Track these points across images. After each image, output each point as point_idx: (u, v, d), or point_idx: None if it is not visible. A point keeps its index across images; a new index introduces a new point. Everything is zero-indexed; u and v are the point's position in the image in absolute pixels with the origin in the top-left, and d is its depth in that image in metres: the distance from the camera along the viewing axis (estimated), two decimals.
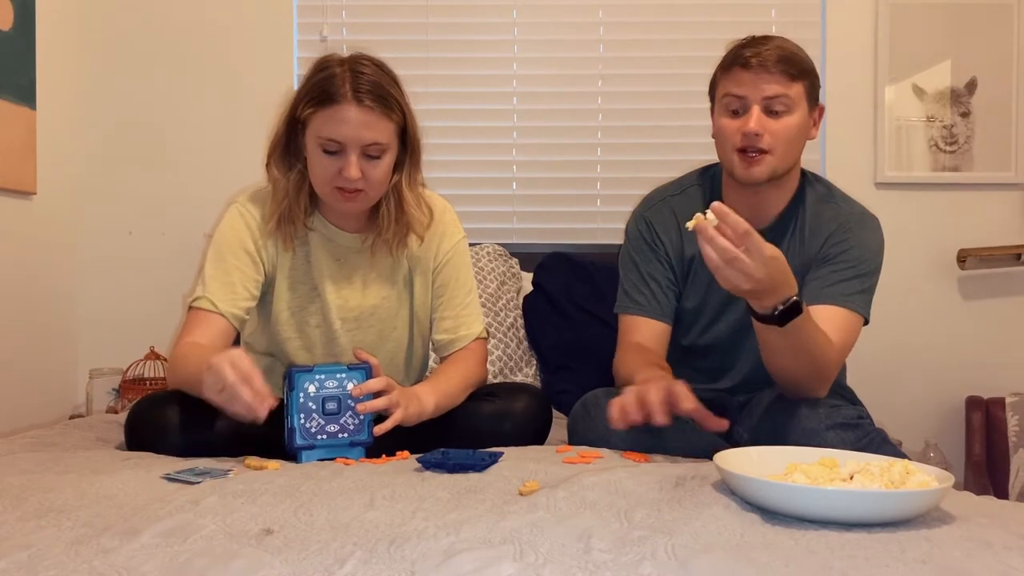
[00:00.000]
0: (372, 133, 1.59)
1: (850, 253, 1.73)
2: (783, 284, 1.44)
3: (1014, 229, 2.77)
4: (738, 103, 1.68)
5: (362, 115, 1.58)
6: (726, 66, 1.72)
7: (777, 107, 1.67)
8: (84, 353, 2.76)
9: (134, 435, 1.57)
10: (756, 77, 1.66)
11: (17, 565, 0.91)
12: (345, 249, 1.74)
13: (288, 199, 1.67)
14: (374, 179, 1.62)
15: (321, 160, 1.61)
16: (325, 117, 1.58)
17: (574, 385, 2.25)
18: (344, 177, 1.59)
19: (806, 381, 1.61)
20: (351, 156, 1.59)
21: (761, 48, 1.67)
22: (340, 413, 1.50)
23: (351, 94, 1.57)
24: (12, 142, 2.38)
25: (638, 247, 1.85)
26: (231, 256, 1.69)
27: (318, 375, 1.50)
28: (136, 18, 2.80)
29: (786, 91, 1.66)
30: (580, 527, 1.01)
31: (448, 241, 1.79)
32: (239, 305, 1.67)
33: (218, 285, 1.67)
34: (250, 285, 1.69)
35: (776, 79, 1.66)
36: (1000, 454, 2.58)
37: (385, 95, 1.60)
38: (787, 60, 1.67)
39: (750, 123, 1.65)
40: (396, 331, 1.80)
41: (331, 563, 0.91)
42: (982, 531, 1.04)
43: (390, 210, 1.69)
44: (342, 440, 1.50)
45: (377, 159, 1.61)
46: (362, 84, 1.58)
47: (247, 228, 1.71)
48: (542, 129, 2.85)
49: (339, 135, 1.58)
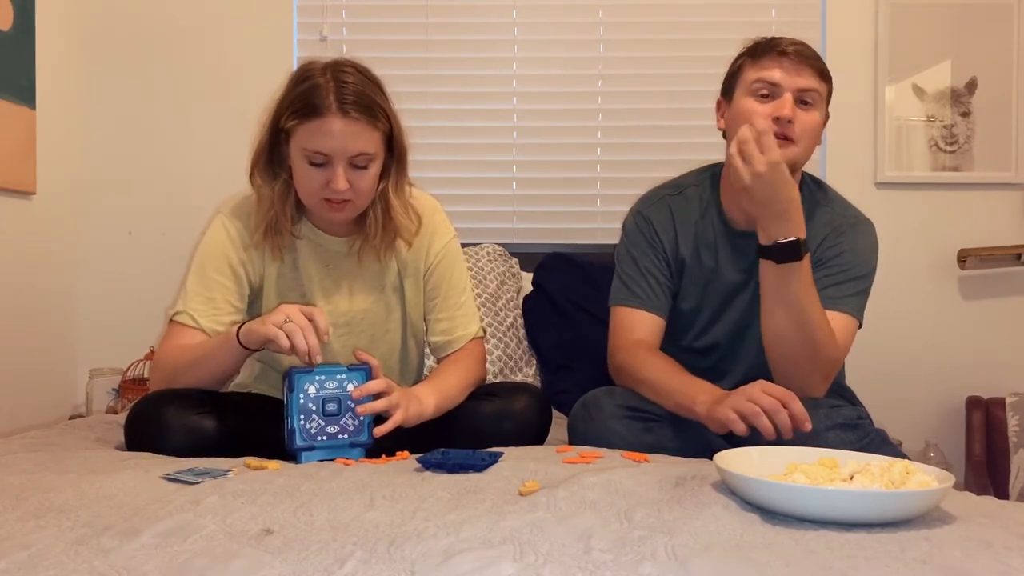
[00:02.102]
0: (359, 144, 1.57)
1: (843, 257, 1.74)
2: (785, 213, 1.54)
3: (1014, 229, 2.77)
4: (770, 89, 1.69)
5: (348, 126, 1.55)
6: (757, 54, 1.73)
7: (808, 99, 1.70)
8: (84, 353, 2.76)
9: (134, 435, 1.57)
10: (794, 67, 1.69)
11: (17, 565, 0.91)
12: (333, 254, 1.73)
13: (274, 209, 1.66)
14: (362, 189, 1.60)
15: (307, 172, 1.59)
16: (310, 130, 1.56)
17: (574, 385, 2.25)
18: (332, 189, 1.57)
19: (804, 363, 1.62)
20: (338, 168, 1.57)
21: (795, 42, 1.72)
22: (340, 414, 1.50)
23: (335, 105, 1.54)
24: (12, 142, 2.38)
25: (636, 242, 1.85)
26: (213, 271, 1.69)
27: (318, 376, 1.49)
28: (136, 18, 2.80)
29: (817, 86, 1.70)
30: (580, 527, 1.01)
31: (439, 241, 1.78)
32: (220, 320, 1.66)
33: (200, 300, 1.67)
34: (233, 299, 1.69)
35: (811, 73, 1.70)
36: (1000, 454, 2.57)
37: (370, 104, 1.57)
38: (819, 59, 1.73)
39: (784, 108, 1.67)
40: (388, 334, 1.79)
41: (331, 563, 0.91)
42: (982, 531, 1.04)
43: (377, 217, 1.68)
44: (342, 441, 1.50)
45: (364, 169, 1.59)
46: (347, 94, 1.55)
47: (230, 241, 1.69)
48: (542, 129, 2.85)
49: (325, 148, 1.55)
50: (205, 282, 1.68)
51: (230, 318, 1.68)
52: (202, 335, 1.65)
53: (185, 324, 1.65)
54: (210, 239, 1.71)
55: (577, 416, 1.69)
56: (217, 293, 1.68)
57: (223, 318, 1.67)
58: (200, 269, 1.69)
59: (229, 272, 1.69)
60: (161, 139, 2.80)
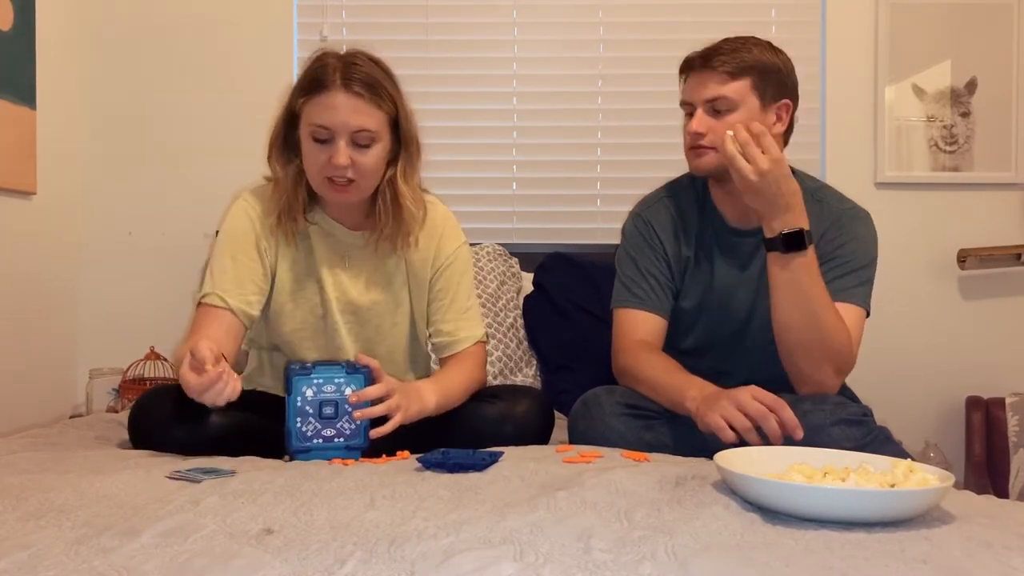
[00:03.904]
0: (359, 119, 1.59)
1: (845, 248, 1.76)
2: (790, 206, 1.59)
3: (1014, 229, 2.77)
4: (688, 108, 1.79)
5: (350, 101, 1.58)
6: (682, 72, 1.84)
7: (719, 107, 1.73)
8: (84, 353, 2.76)
9: (136, 430, 1.58)
10: (698, 80, 1.76)
11: (17, 565, 0.91)
12: (348, 246, 1.74)
13: (287, 193, 1.68)
14: (364, 168, 1.62)
15: (312, 149, 1.62)
16: (315, 104, 1.60)
17: (574, 385, 2.25)
18: (333, 165, 1.59)
19: (814, 352, 1.63)
20: (339, 143, 1.59)
21: (708, 49, 1.77)
22: (337, 417, 1.50)
23: (340, 81, 1.59)
24: (12, 142, 2.38)
25: (636, 244, 1.86)
26: (239, 251, 1.70)
27: (316, 379, 1.50)
28: (136, 18, 2.79)
29: (726, 92, 1.72)
30: (580, 527, 1.01)
31: (449, 245, 1.78)
32: (249, 300, 1.68)
33: (227, 280, 1.67)
34: (258, 280, 1.70)
35: (718, 79, 1.73)
36: (1000, 454, 2.57)
37: (375, 84, 1.61)
38: (731, 57, 1.73)
39: (691, 125, 1.76)
40: (396, 327, 1.79)
41: (331, 563, 0.91)
42: (982, 531, 1.04)
43: (386, 204, 1.68)
44: (338, 444, 1.50)
45: (367, 147, 1.61)
46: (353, 72, 1.59)
47: (251, 222, 1.71)
48: (542, 129, 2.85)
49: (327, 120, 1.58)
50: (231, 262, 1.69)
51: (257, 298, 1.69)
52: (231, 316, 1.65)
53: (214, 305, 1.65)
54: (232, 220, 1.73)
55: (577, 414, 1.70)
56: (244, 272, 1.68)
57: (250, 297, 1.68)
58: (224, 250, 1.70)
59: (255, 252, 1.70)
60: (161, 139, 2.80)
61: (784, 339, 1.67)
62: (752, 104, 1.73)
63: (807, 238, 1.62)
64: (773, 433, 1.45)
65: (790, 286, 1.63)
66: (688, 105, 1.79)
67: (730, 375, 1.80)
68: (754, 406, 1.47)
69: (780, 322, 1.66)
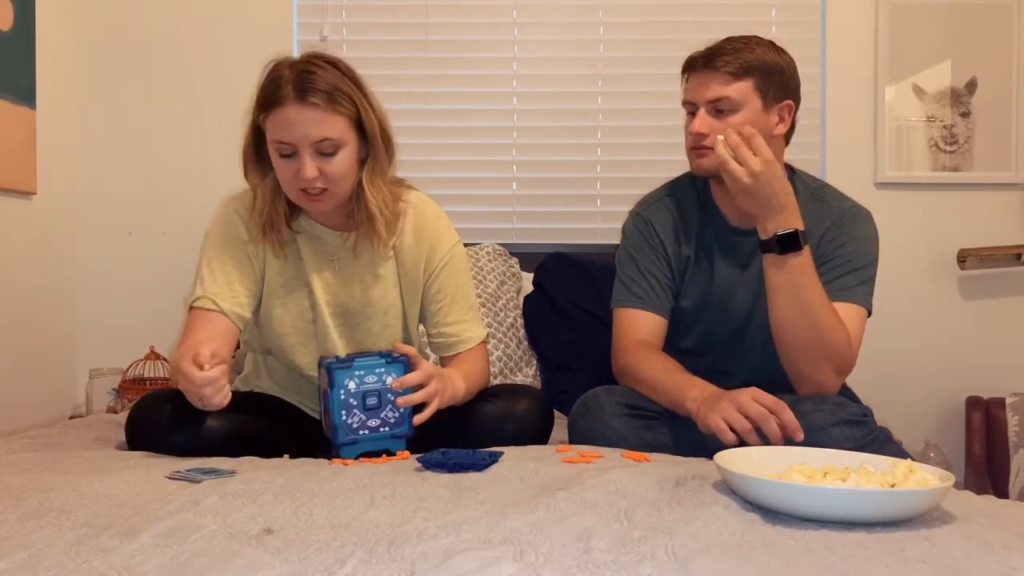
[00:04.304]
0: (319, 129, 1.56)
1: (846, 247, 1.76)
2: (784, 207, 1.60)
3: (1014, 229, 2.77)
4: (691, 107, 1.79)
5: (306, 113, 1.55)
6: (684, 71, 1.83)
7: (722, 108, 1.73)
8: (84, 353, 2.76)
9: (135, 432, 1.57)
10: (700, 80, 1.76)
11: (17, 565, 0.91)
12: (333, 248, 1.73)
13: (267, 206, 1.66)
14: (333, 175, 1.59)
15: (280, 164, 1.60)
16: (273, 120, 1.58)
17: (574, 385, 2.25)
18: (302, 178, 1.57)
19: (812, 351, 1.63)
20: (304, 157, 1.57)
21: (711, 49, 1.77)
22: (381, 407, 1.52)
23: (294, 93, 1.55)
24: (12, 142, 2.38)
25: (637, 244, 1.86)
26: (227, 254, 1.69)
27: (357, 371, 1.51)
28: (136, 18, 2.79)
29: (728, 92, 1.72)
30: (580, 527, 1.01)
31: (443, 245, 1.77)
32: (240, 302, 1.67)
33: (217, 283, 1.66)
34: (249, 283, 1.69)
35: (720, 80, 1.73)
36: (1000, 454, 2.57)
37: (331, 91, 1.57)
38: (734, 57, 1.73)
39: (694, 126, 1.76)
40: (388, 329, 1.78)
41: (331, 563, 0.91)
42: (982, 531, 1.04)
43: (359, 206, 1.67)
44: (383, 434, 1.52)
45: (332, 155, 1.59)
46: (306, 83, 1.56)
47: (238, 225, 1.70)
48: (542, 129, 2.85)
49: (286, 136, 1.56)
50: (221, 265, 1.68)
51: (248, 301, 1.68)
52: (223, 319, 1.64)
53: (205, 309, 1.65)
54: (220, 224, 1.72)
55: (577, 414, 1.70)
56: (234, 275, 1.68)
57: (242, 299, 1.67)
58: (213, 254, 1.69)
59: (243, 255, 1.69)
60: (161, 139, 2.80)
61: (782, 340, 1.67)
62: (755, 105, 1.72)
63: (802, 238, 1.62)
64: (774, 435, 1.45)
65: (786, 287, 1.63)
66: (690, 105, 1.78)
67: (730, 375, 1.80)
68: (755, 408, 1.46)
69: (778, 323, 1.66)
